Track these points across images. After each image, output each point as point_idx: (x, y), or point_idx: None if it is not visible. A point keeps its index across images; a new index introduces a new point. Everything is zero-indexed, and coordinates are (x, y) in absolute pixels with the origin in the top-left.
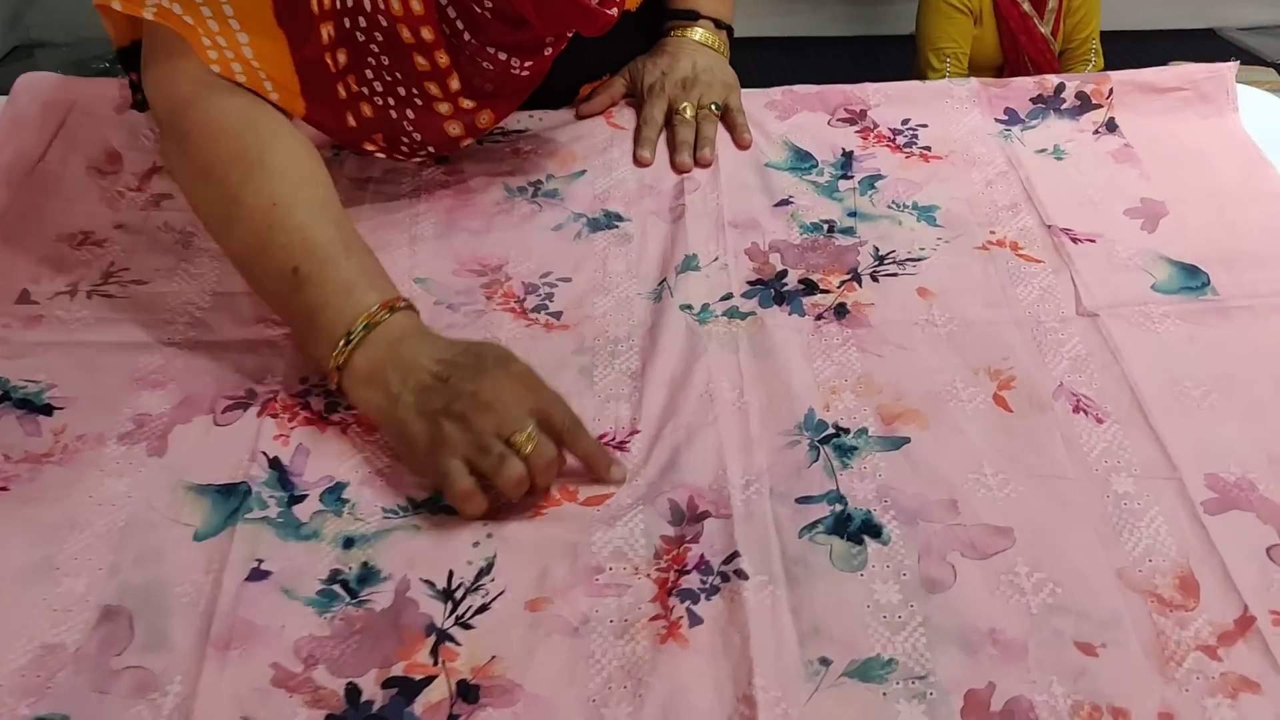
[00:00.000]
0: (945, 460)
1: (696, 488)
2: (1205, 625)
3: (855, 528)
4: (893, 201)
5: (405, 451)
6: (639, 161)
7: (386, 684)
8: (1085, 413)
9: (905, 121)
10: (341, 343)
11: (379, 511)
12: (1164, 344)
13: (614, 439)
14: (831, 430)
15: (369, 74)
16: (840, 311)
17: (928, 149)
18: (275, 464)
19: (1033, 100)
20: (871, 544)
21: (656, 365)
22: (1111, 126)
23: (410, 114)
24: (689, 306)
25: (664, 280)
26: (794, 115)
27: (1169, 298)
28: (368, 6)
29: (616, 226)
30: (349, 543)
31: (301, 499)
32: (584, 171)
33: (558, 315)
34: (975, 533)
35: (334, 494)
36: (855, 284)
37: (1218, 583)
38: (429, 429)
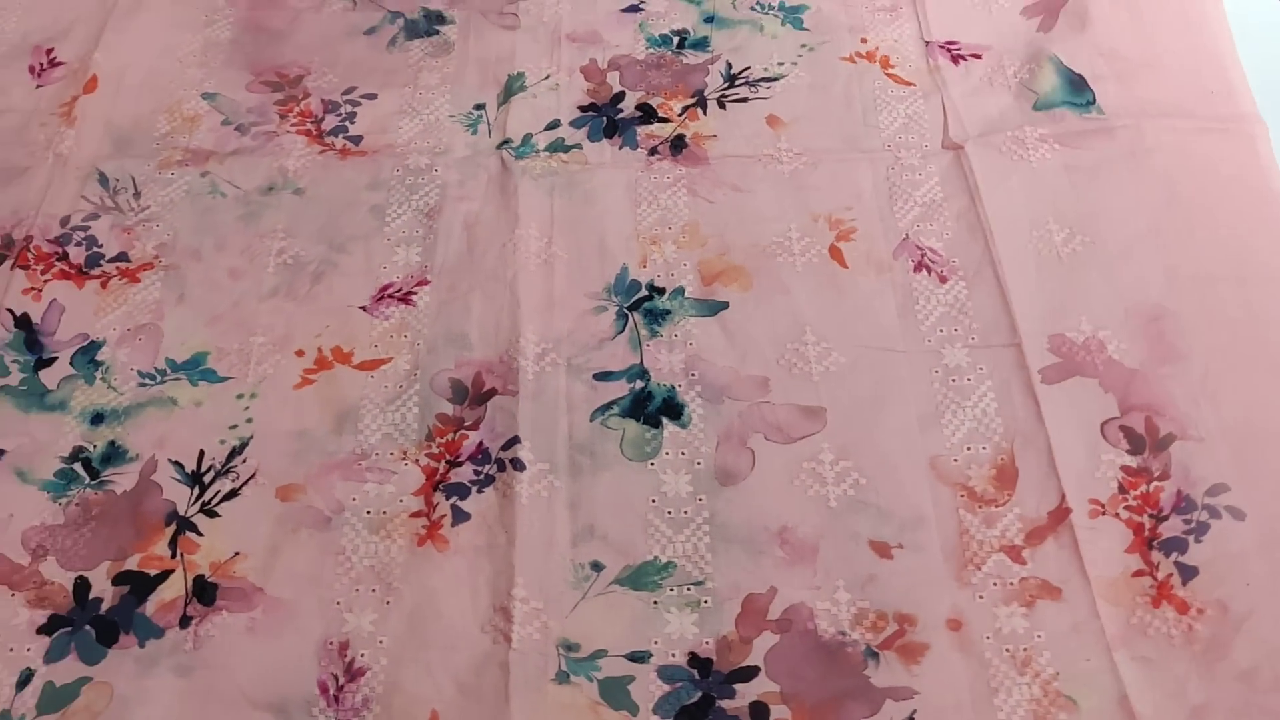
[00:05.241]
0: (765, 327)
1: (485, 362)
2: (1015, 521)
3: (655, 408)
4: (758, 1)
5: None
6: None
7: (118, 580)
8: (929, 270)
9: None
10: None
11: (134, 377)
12: (1035, 176)
13: (400, 290)
14: (644, 293)
15: None
16: (677, 145)
17: None
18: (22, 322)
19: None
20: (670, 427)
21: (459, 205)
22: None
23: None
24: (508, 142)
25: (482, 106)
26: None
27: (1049, 114)
28: None
29: (437, 32)
30: (98, 419)
31: (50, 363)
32: None
33: (356, 140)
34: (784, 413)
35: (87, 355)
36: (699, 110)
37: (1039, 469)
38: None
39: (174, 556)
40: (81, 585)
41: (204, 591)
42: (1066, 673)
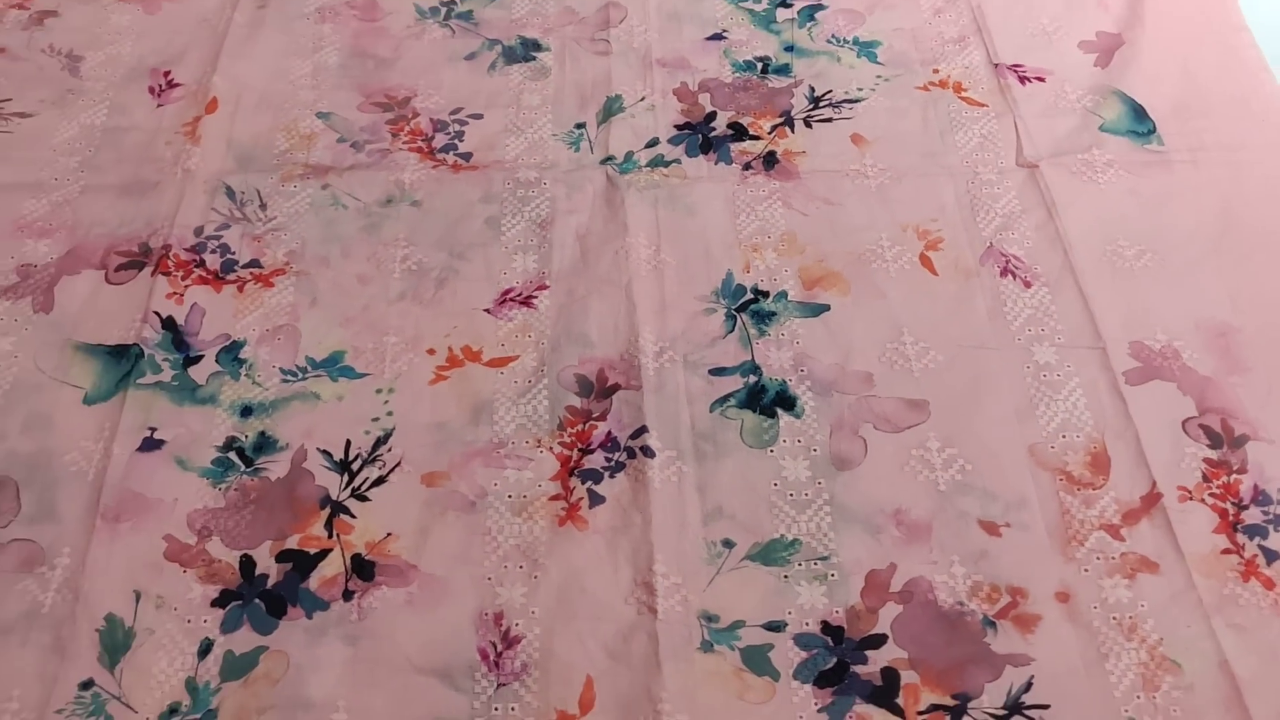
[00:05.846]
0: (864, 328)
1: (607, 359)
2: (1111, 503)
3: (769, 400)
4: (833, 35)
5: None
6: None
7: (280, 557)
8: (1014, 275)
9: None
10: None
11: (277, 374)
12: (1104, 196)
13: (520, 294)
14: (750, 295)
15: None
16: (769, 161)
17: None
18: (169, 324)
19: None
20: (784, 417)
21: (569, 217)
22: None
23: None
24: (611, 158)
25: (583, 125)
26: None
27: (1115, 138)
28: None
29: (534, 58)
30: (247, 411)
31: (197, 360)
32: None
33: (467, 156)
34: (890, 406)
35: (230, 353)
36: (787, 129)
37: (1130, 458)
38: None
39: (330, 537)
40: (247, 562)
41: (363, 568)
42: (1169, 638)
